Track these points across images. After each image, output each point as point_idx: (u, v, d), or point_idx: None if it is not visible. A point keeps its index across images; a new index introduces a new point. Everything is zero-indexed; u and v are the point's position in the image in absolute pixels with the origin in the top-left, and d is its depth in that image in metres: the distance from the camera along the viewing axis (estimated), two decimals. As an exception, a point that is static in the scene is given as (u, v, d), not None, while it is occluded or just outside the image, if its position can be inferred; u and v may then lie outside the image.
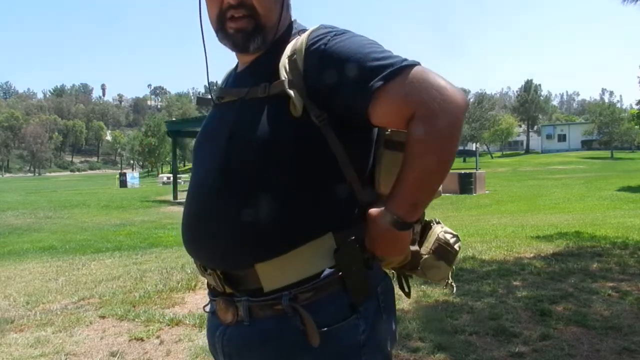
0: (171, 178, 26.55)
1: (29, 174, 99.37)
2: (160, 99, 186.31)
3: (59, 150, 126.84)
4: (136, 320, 3.67)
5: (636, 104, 41.12)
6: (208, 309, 1.11)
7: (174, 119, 46.18)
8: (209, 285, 1.09)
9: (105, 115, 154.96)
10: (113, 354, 3.05)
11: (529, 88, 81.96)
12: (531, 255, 5.64)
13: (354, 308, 0.97)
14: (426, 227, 1.13)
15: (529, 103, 78.93)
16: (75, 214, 16.38)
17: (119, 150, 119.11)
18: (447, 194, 17.91)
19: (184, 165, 71.42)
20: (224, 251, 0.99)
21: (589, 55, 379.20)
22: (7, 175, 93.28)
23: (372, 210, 0.97)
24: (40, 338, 3.34)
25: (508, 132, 64.71)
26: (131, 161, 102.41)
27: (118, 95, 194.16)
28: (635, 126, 41.20)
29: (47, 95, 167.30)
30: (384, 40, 0.99)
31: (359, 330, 0.97)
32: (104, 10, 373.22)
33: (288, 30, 1.08)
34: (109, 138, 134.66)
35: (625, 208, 13.31)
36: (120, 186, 35.21)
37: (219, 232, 0.99)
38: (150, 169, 79.98)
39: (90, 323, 3.66)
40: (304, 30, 1.05)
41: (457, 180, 19.13)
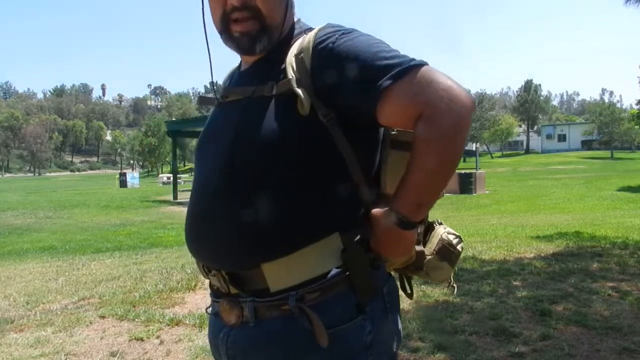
0: (171, 178, 26.54)
1: (29, 174, 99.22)
2: (160, 99, 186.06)
3: (59, 150, 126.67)
4: (136, 320, 3.67)
5: (636, 104, 41.12)
6: (210, 310, 1.10)
7: (174, 119, 46.28)
8: (211, 286, 1.07)
9: (105, 115, 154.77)
10: (113, 354, 3.05)
11: (529, 88, 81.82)
12: (531, 255, 5.63)
13: (360, 309, 0.96)
14: (429, 228, 1.13)
15: (529, 103, 78.81)
16: (75, 214, 16.40)
17: (119, 150, 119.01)
18: (447, 194, 17.89)
19: (184, 165, 71.53)
20: (229, 251, 0.98)
21: (589, 55, 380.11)
22: (7, 175, 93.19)
23: (376, 210, 0.97)
24: (40, 338, 3.34)
25: (508, 132, 64.67)
26: (131, 161, 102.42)
27: (118, 95, 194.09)
28: (635, 126, 41.22)
29: (47, 95, 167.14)
30: (383, 40, 0.98)
31: (365, 331, 0.96)
32: (104, 10, 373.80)
33: (292, 29, 1.07)
34: (109, 138, 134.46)
35: (625, 208, 13.32)
36: (120, 186, 35.16)
37: (223, 232, 0.98)
38: (150, 169, 79.86)
39: (90, 323, 3.66)
40: (310, 29, 1.04)
41: (457, 180, 19.13)
